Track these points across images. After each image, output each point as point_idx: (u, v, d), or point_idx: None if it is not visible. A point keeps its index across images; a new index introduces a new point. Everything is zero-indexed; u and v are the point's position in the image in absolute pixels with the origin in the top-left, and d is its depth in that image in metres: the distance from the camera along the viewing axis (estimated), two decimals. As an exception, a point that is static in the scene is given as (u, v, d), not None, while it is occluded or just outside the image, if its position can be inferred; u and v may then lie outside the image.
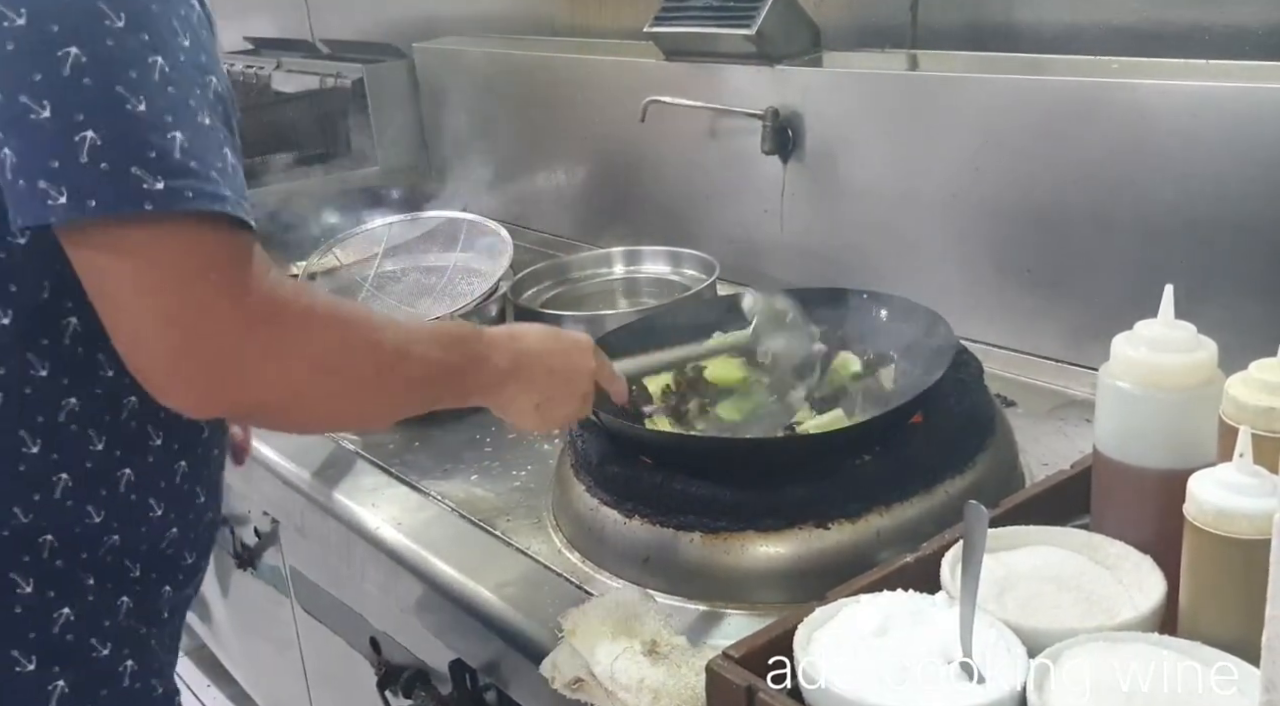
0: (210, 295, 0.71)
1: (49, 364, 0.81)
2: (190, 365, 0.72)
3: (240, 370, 0.73)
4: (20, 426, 0.81)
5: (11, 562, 0.82)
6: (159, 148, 0.68)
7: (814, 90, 1.57)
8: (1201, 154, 1.19)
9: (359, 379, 0.81)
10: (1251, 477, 0.68)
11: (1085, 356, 1.32)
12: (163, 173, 0.68)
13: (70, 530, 0.84)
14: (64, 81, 0.67)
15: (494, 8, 2.30)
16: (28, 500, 0.82)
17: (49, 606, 0.83)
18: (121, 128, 0.68)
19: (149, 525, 0.88)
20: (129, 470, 0.86)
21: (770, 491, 1.00)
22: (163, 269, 0.70)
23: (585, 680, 0.90)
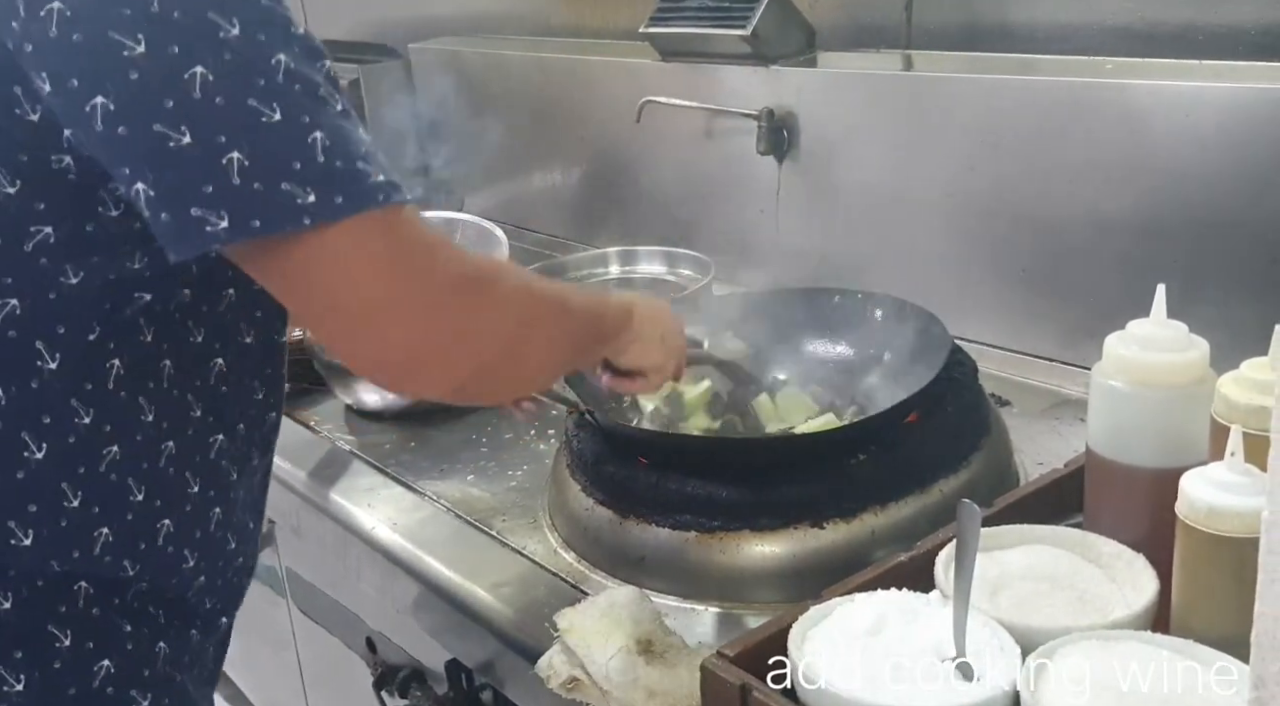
0: (409, 277, 0.70)
1: (93, 411, 0.78)
2: (418, 346, 0.71)
3: (463, 338, 0.73)
4: (63, 479, 0.78)
5: (50, 615, 0.79)
6: (303, 156, 0.66)
7: (809, 91, 1.57)
8: (1195, 154, 1.19)
9: (552, 335, 0.83)
10: (1243, 476, 0.69)
11: (1080, 356, 1.32)
12: (312, 183, 0.66)
13: (104, 577, 0.81)
14: (197, 104, 0.65)
15: (490, 8, 2.30)
16: (66, 557, 0.79)
17: (89, 658, 0.81)
18: (264, 142, 0.66)
19: (180, 576, 0.85)
20: (168, 521, 0.83)
21: (765, 491, 1.00)
22: (349, 267, 0.68)
23: (581, 679, 0.90)
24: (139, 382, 0.79)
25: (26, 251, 0.72)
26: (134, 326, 0.78)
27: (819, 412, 1.17)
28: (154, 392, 0.80)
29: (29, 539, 0.77)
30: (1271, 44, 1.21)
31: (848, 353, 1.26)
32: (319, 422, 1.45)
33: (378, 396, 1.42)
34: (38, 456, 0.76)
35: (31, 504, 0.77)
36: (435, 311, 0.71)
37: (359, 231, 0.68)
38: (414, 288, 0.70)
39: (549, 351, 0.83)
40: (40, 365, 0.75)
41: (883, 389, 1.18)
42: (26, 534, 0.77)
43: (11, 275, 0.73)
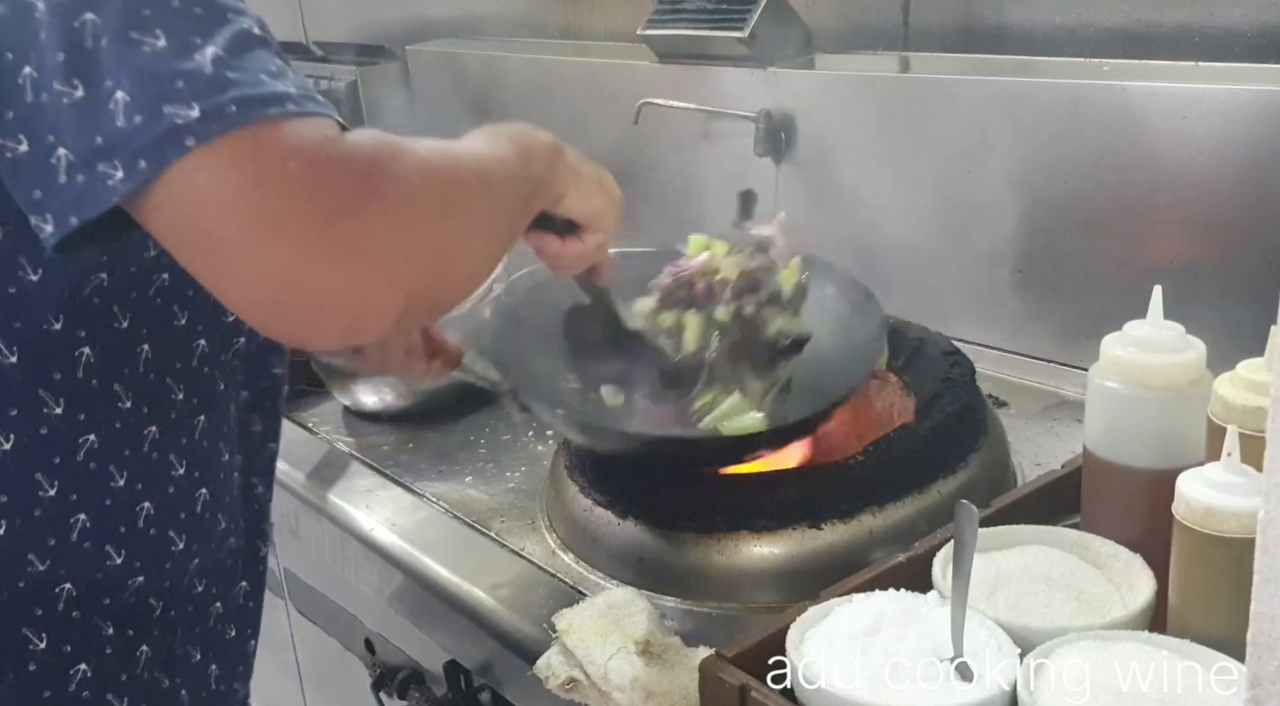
0: (295, 192, 0.59)
1: (63, 400, 0.76)
2: (319, 279, 0.59)
3: (374, 256, 0.60)
4: (36, 469, 0.76)
5: (25, 617, 0.78)
6: (185, 72, 0.59)
7: (806, 92, 1.57)
8: (1192, 156, 1.20)
9: (482, 212, 0.71)
10: (1239, 477, 0.69)
11: (1077, 357, 1.32)
12: (196, 97, 0.58)
13: (91, 576, 0.80)
14: (88, 53, 0.59)
15: (488, 10, 2.30)
16: (43, 546, 0.77)
17: (65, 663, 0.79)
18: (142, 71, 0.59)
19: (170, 559, 0.84)
20: (148, 503, 0.82)
21: (763, 491, 1.00)
22: (228, 187, 0.58)
23: (579, 680, 0.90)
24: (114, 369, 0.77)
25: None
26: (105, 313, 0.76)
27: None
28: (130, 378, 0.78)
29: (1, 529, 0.76)
30: (1268, 46, 1.21)
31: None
32: (317, 424, 1.45)
33: (376, 398, 1.42)
34: (5, 448, 0.75)
35: (3, 494, 0.76)
36: (335, 229, 0.59)
37: (241, 144, 0.58)
38: (304, 205, 0.59)
39: (480, 237, 0.71)
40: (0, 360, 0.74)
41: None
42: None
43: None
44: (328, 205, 0.59)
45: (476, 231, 0.70)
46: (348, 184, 0.60)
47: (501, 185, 0.74)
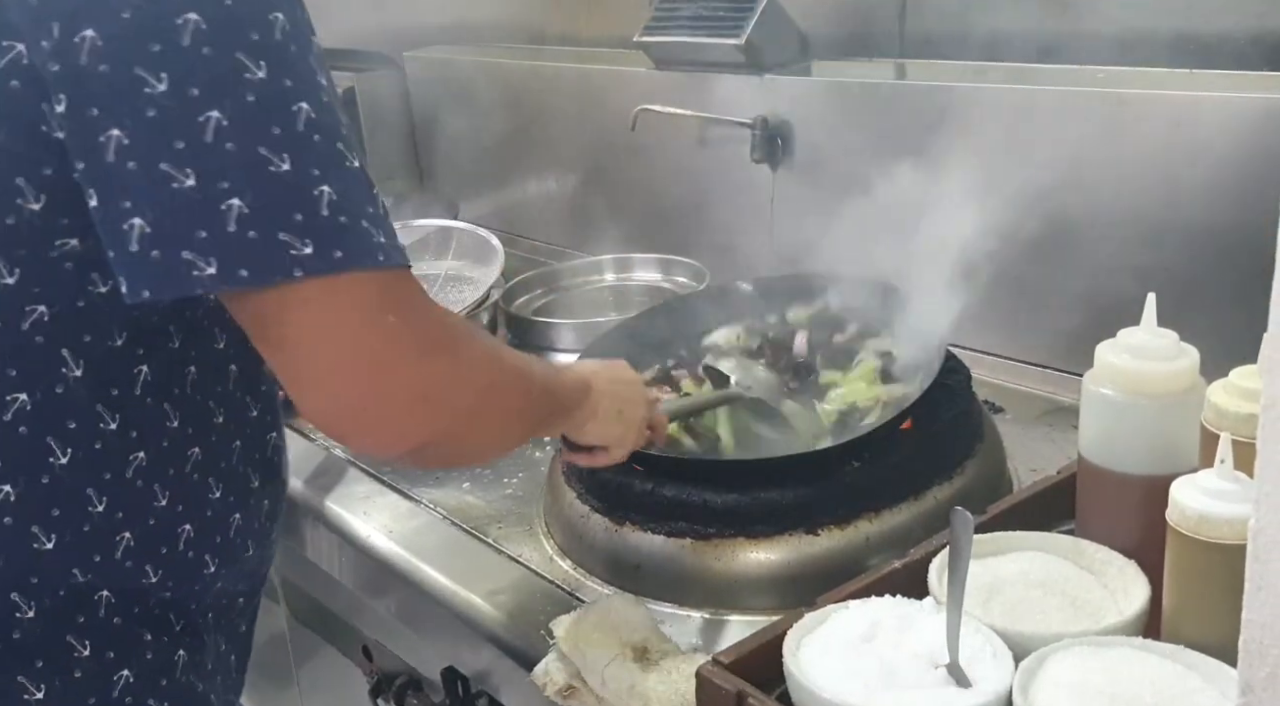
0: (387, 338, 0.70)
1: (119, 416, 0.78)
2: (380, 405, 0.71)
3: (426, 401, 0.73)
4: (88, 484, 0.78)
5: (69, 625, 0.80)
6: (305, 208, 0.66)
7: (802, 99, 1.58)
8: (1186, 163, 1.20)
9: (513, 407, 0.83)
10: (1232, 483, 0.69)
11: (1073, 363, 1.33)
12: (311, 235, 0.66)
13: (125, 586, 0.82)
14: (207, 148, 0.64)
15: (485, 17, 2.30)
16: (88, 561, 0.79)
17: (109, 667, 0.82)
18: (267, 192, 0.65)
19: (201, 582, 0.86)
20: (189, 526, 0.84)
21: (760, 498, 1.00)
22: (333, 321, 0.69)
23: (577, 687, 0.90)
24: (165, 389, 0.80)
25: (53, 258, 0.73)
26: (162, 332, 0.79)
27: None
28: (179, 398, 0.81)
29: (51, 543, 0.78)
30: (1262, 54, 1.22)
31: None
32: (314, 430, 1.45)
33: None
34: (62, 461, 0.77)
35: (55, 508, 0.78)
36: (404, 373, 0.71)
37: (352, 288, 0.68)
38: (389, 350, 0.70)
39: (508, 421, 0.84)
40: (65, 372, 0.76)
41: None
42: (49, 538, 0.78)
43: (40, 284, 0.74)
44: (412, 353, 0.71)
45: (505, 417, 0.83)
46: (429, 340, 0.73)
47: (536, 393, 0.87)
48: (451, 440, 0.77)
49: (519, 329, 1.54)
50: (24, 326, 0.74)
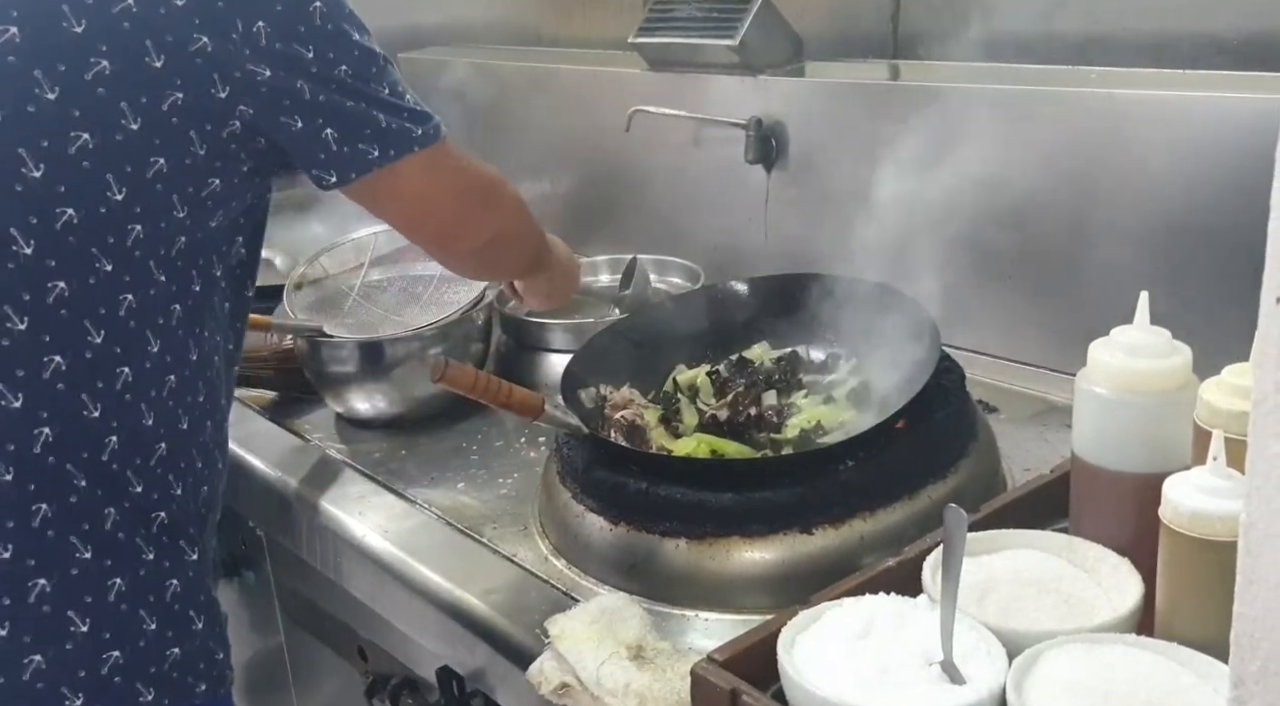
0: (465, 176, 1.09)
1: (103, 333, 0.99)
2: (474, 216, 1.10)
3: (490, 207, 1.12)
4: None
5: None
6: (405, 109, 1.01)
7: (797, 100, 1.58)
8: (1177, 162, 1.21)
9: (530, 230, 1.23)
10: (1225, 480, 0.70)
11: (1066, 362, 1.32)
12: (414, 121, 1.01)
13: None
14: (352, 88, 0.98)
15: (479, 18, 2.30)
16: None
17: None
18: (385, 103, 1.00)
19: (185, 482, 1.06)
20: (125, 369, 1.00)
21: (755, 497, 1.01)
22: (435, 176, 1.05)
23: (572, 685, 0.90)
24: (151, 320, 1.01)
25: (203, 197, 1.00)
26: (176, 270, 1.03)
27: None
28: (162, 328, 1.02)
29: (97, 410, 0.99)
30: (1252, 54, 1.23)
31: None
32: (309, 431, 1.45)
33: (368, 405, 1.42)
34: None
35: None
36: (473, 205, 1.10)
37: (437, 155, 1.03)
38: (463, 192, 1.09)
39: (523, 246, 1.24)
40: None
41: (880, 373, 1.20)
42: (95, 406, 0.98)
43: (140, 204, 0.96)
44: (482, 192, 1.12)
45: (523, 242, 1.24)
46: (487, 182, 1.13)
47: (537, 235, 1.27)
48: (496, 247, 1.15)
49: (513, 330, 1.54)
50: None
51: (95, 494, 0.98)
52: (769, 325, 1.33)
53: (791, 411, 1.18)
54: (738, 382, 1.23)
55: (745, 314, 1.35)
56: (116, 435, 0.98)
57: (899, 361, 1.18)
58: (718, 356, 1.31)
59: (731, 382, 1.24)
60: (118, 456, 0.99)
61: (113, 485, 0.99)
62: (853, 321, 1.26)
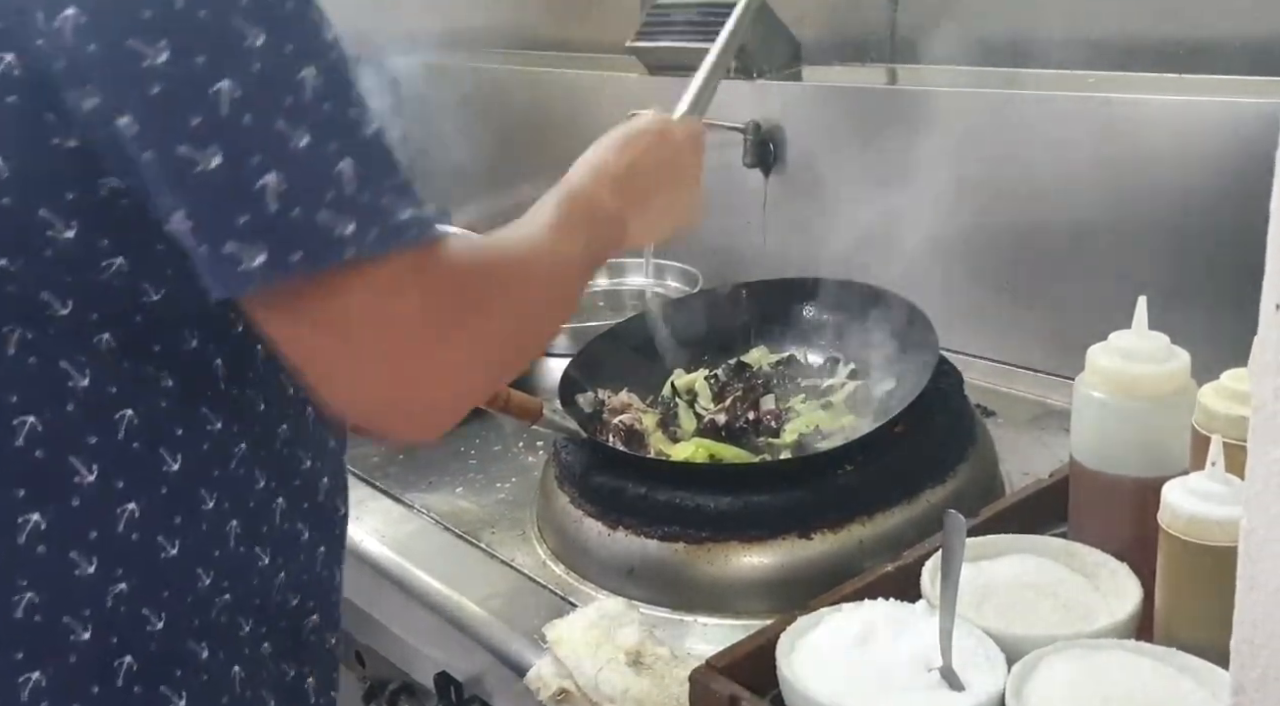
0: (421, 321, 0.64)
1: (221, 417, 0.76)
2: (408, 387, 0.65)
3: (478, 362, 0.69)
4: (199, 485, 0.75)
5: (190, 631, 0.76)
6: (335, 185, 0.60)
7: (794, 104, 1.58)
8: (1176, 167, 1.21)
9: (538, 316, 0.79)
10: (1223, 485, 0.70)
11: (1064, 367, 1.33)
12: (348, 210, 0.60)
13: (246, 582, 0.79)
14: (223, 121, 0.58)
15: (477, 22, 2.30)
16: (209, 557, 0.76)
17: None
18: (296, 169, 0.59)
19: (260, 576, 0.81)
20: (235, 521, 0.79)
21: (753, 501, 1.00)
22: (372, 306, 0.62)
23: (570, 691, 0.90)
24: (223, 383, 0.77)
25: (102, 280, 0.68)
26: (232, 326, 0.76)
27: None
28: (214, 398, 0.77)
29: (175, 549, 0.74)
30: (1252, 58, 1.23)
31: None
32: (307, 435, 1.45)
33: (366, 409, 1.42)
34: (175, 468, 0.74)
35: (176, 516, 0.75)
36: (439, 354, 0.66)
37: (393, 271, 0.62)
38: (424, 332, 0.65)
39: (539, 329, 0.82)
40: (160, 383, 0.73)
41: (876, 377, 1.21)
42: (173, 544, 0.74)
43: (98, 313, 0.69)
44: (445, 325, 0.66)
45: (548, 320, 0.83)
46: (461, 304, 0.67)
47: (577, 276, 0.84)
48: (505, 372, 0.80)
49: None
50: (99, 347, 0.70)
51: None
52: (767, 329, 1.33)
53: (790, 416, 1.18)
54: (736, 387, 1.23)
55: (743, 318, 1.34)
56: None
57: (897, 366, 1.18)
58: (716, 360, 1.31)
59: (730, 387, 1.24)
60: None
61: None
62: (851, 325, 1.26)
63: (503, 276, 0.73)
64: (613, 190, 0.90)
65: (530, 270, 0.77)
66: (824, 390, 1.22)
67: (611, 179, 0.91)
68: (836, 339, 1.28)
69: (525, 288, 0.75)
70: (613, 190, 0.90)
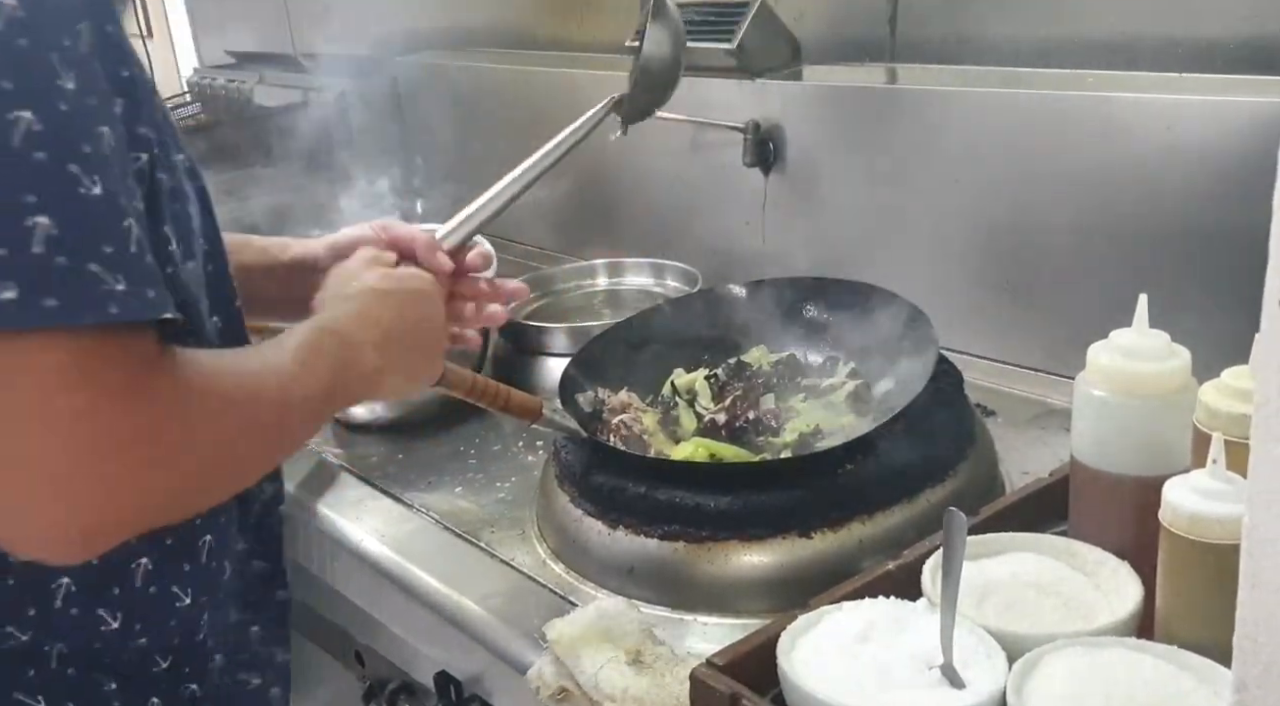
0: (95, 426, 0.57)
1: None
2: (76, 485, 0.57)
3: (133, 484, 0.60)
4: None
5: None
6: (12, 244, 0.54)
7: (794, 103, 1.58)
8: (1175, 166, 1.21)
9: (259, 447, 0.72)
10: (1224, 483, 0.70)
11: (1064, 366, 1.33)
12: (14, 277, 0.54)
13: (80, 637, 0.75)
14: (14, 153, 0.55)
15: (475, 22, 2.30)
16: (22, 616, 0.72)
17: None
18: (78, 216, 0.55)
19: (178, 618, 0.80)
20: (145, 559, 0.77)
21: (753, 501, 1.00)
22: (30, 398, 0.55)
23: (570, 690, 0.90)
24: None
25: None
26: None
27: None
28: None
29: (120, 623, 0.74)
30: (1250, 57, 1.23)
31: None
32: (306, 435, 1.44)
33: (365, 409, 1.42)
34: None
35: None
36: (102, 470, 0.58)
37: (58, 350, 0.55)
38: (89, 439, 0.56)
39: (250, 465, 0.73)
40: None
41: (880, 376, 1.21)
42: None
43: None
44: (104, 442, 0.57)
45: (260, 459, 0.75)
46: (128, 428, 0.58)
47: (310, 419, 0.78)
48: (177, 507, 0.67)
49: (511, 333, 1.54)
50: None
51: None
52: (767, 329, 1.33)
53: (790, 415, 1.18)
54: (736, 386, 1.23)
55: (743, 317, 1.34)
56: None
57: (897, 365, 1.18)
58: (716, 360, 1.31)
59: (730, 386, 1.24)
60: None
61: None
62: (851, 325, 1.26)
63: (221, 395, 0.66)
64: (377, 345, 0.82)
65: (258, 398, 0.70)
66: (824, 389, 1.22)
67: (379, 332, 0.83)
68: (836, 338, 1.28)
69: (243, 414, 0.67)
70: (377, 345, 0.82)
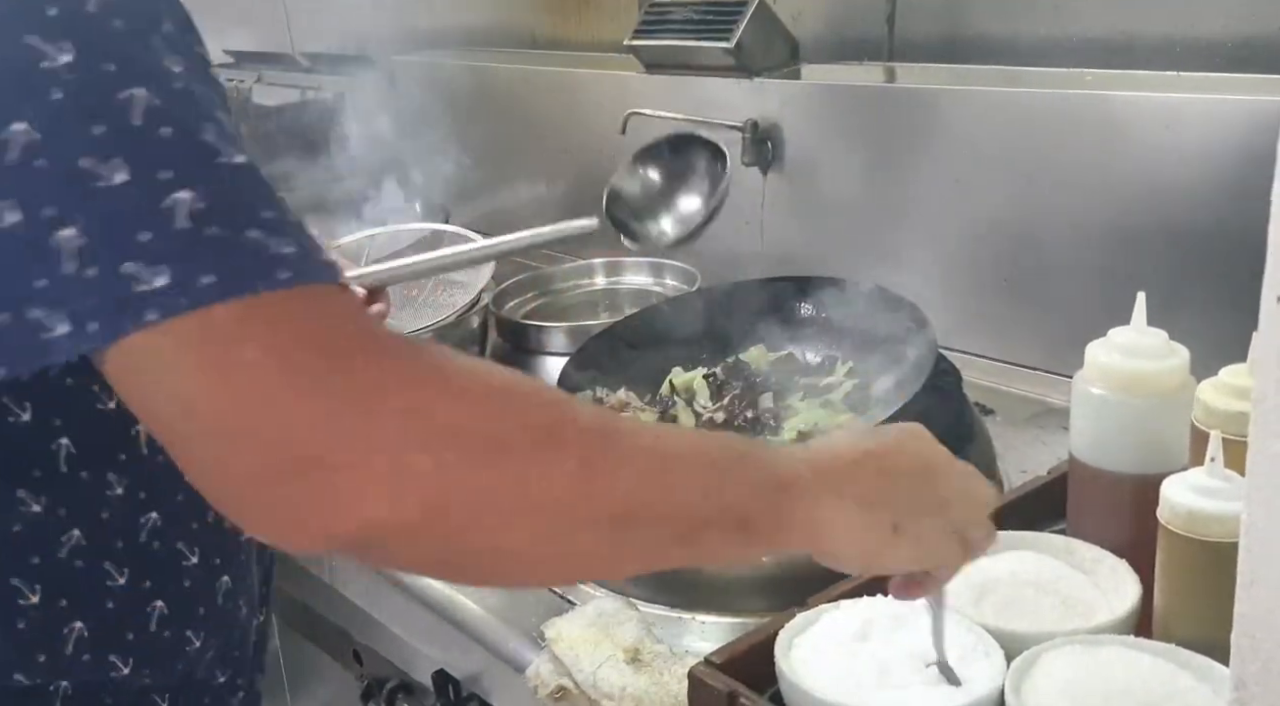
0: (306, 387, 0.48)
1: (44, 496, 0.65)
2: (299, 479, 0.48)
3: (363, 469, 0.48)
4: (12, 573, 0.66)
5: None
6: (153, 221, 0.48)
7: (792, 102, 1.58)
8: (1174, 164, 1.21)
9: (555, 497, 0.51)
10: (1222, 481, 0.70)
11: (1063, 365, 1.33)
12: (165, 258, 0.48)
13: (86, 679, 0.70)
14: (11, 171, 0.49)
15: (474, 21, 2.30)
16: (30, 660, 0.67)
17: None
18: (99, 210, 0.48)
19: (185, 660, 0.75)
20: (160, 602, 0.71)
21: (751, 499, 1.00)
22: (216, 370, 0.48)
23: (569, 689, 0.90)
24: (103, 457, 0.67)
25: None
26: (97, 397, 0.66)
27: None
28: (125, 464, 0.68)
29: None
30: (1248, 56, 1.23)
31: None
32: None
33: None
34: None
35: None
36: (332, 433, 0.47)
37: (241, 322, 0.48)
38: (308, 401, 0.47)
39: (552, 521, 0.52)
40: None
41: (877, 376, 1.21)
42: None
43: None
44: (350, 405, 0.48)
45: (535, 507, 0.51)
46: (366, 378, 0.48)
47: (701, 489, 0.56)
48: (418, 535, 0.50)
49: (510, 332, 1.54)
50: None
51: None
52: (765, 328, 1.33)
53: (788, 414, 1.18)
54: (734, 385, 1.23)
55: (742, 316, 1.34)
56: None
57: (895, 364, 1.18)
58: (714, 359, 1.31)
59: (728, 385, 1.24)
60: None
61: None
62: (849, 324, 1.26)
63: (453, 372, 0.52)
64: (807, 458, 0.61)
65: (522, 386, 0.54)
66: (822, 388, 1.22)
67: (804, 452, 0.63)
68: (835, 337, 1.28)
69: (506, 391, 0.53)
70: (807, 458, 0.61)
